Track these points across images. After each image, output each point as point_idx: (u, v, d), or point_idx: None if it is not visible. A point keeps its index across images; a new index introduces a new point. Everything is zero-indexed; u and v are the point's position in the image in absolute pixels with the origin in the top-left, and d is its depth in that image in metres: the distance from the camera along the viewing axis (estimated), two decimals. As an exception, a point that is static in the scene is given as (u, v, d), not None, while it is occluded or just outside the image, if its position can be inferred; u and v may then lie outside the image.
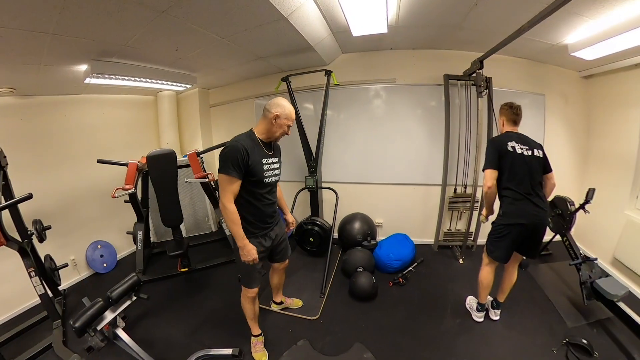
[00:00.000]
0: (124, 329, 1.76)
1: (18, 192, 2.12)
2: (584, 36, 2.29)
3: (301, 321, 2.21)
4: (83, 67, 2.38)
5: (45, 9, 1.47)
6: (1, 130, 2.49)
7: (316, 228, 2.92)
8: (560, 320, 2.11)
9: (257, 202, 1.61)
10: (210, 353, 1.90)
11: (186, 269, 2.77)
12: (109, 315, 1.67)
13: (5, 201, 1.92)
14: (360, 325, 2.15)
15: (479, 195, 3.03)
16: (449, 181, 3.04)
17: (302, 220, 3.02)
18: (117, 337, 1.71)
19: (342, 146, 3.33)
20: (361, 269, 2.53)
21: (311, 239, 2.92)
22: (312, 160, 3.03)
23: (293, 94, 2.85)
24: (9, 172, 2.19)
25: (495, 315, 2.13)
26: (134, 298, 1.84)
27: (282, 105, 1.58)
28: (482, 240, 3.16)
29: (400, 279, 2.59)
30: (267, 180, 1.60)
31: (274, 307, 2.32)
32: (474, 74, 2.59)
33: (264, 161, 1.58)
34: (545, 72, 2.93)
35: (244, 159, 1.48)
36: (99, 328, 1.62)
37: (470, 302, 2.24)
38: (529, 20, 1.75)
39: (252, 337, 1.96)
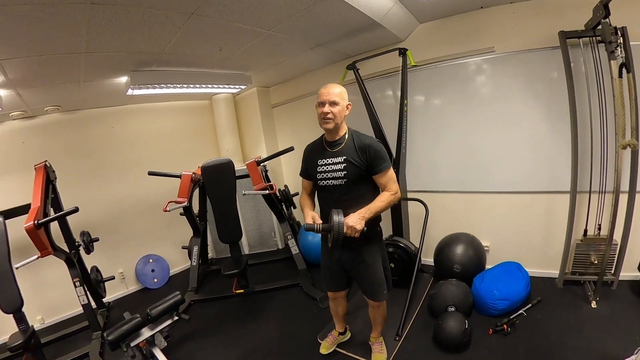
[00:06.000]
0: (165, 349, 1.69)
1: (67, 204, 2.18)
2: None
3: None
4: (124, 79, 2.34)
5: (72, 32, 1.48)
6: (50, 145, 2.61)
7: (398, 251, 2.36)
8: None
9: (321, 203, 1.57)
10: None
11: (242, 291, 2.53)
12: (145, 333, 1.65)
13: (55, 213, 2.02)
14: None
15: (617, 236, 2.01)
16: (580, 187, 2.13)
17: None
18: (153, 356, 1.65)
19: (430, 144, 2.62)
20: (452, 309, 1.96)
21: (392, 265, 2.32)
22: (392, 164, 2.38)
23: (363, 83, 2.31)
24: (58, 186, 2.29)
25: None
26: (176, 318, 1.77)
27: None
28: (626, 273, 2.23)
29: (505, 326, 1.92)
30: (320, 183, 1.49)
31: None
32: (599, 26, 1.71)
33: (319, 162, 1.49)
34: None
35: (305, 160, 1.58)
36: (133, 344, 1.59)
37: None
38: None
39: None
